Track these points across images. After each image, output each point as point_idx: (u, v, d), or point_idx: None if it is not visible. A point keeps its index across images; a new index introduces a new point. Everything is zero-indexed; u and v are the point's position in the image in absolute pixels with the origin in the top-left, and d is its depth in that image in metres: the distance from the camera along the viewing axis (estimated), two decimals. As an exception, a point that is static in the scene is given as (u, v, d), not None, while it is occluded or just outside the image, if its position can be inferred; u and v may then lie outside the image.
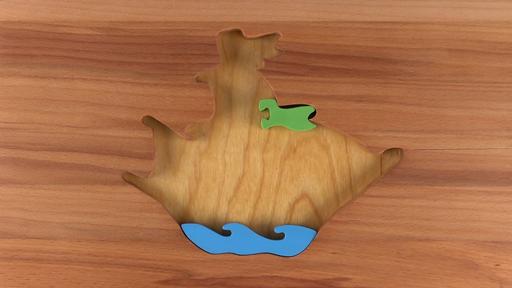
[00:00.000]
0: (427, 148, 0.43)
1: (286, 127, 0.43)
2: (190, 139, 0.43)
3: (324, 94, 0.43)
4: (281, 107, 0.43)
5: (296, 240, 0.42)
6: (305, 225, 0.44)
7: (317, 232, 0.42)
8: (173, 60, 0.43)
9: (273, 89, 0.43)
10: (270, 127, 0.44)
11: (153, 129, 0.43)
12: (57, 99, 0.43)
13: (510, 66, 0.43)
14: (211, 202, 0.44)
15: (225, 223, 0.44)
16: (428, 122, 0.43)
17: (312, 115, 0.43)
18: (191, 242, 0.42)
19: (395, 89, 0.43)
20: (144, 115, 0.43)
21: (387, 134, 0.43)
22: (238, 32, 0.44)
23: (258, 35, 0.43)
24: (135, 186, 0.43)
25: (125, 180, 0.43)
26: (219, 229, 0.44)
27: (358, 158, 0.44)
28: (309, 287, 0.42)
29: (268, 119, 0.43)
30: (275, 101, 0.43)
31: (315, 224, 0.44)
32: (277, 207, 0.44)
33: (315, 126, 0.43)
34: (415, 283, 0.42)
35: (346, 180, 0.44)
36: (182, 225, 0.43)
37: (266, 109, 0.43)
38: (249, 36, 0.43)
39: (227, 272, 0.42)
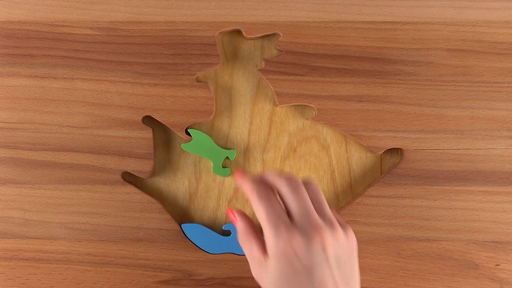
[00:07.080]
0: (427, 148, 0.43)
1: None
2: (190, 139, 0.43)
3: (324, 94, 0.43)
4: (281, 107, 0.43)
5: (296, 240, 0.42)
6: (305, 225, 0.44)
7: (317, 232, 0.42)
8: (173, 60, 0.43)
9: (273, 89, 0.43)
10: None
11: (153, 129, 0.43)
12: (57, 99, 0.43)
13: (510, 66, 0.43)
14: (211, 202, 0.44)
15: (225, 223, 0.44)
16: (428, 122, 0.43)
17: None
18: (191, 242, 0.42)
19: (395, 89, 0.43)
20: (144, 115, 0.43)
21: (387, 134, 0.43)
22: (238, 32, 0.44)
23: (258, 35, 0.43)
24: (135, 186, 0.43)
25: (125, 180, 0.43)
26: (219, 229, 0.44)
27: (358, 158, 0.44)
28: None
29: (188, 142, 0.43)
30: (202, 133, 0.43)
31: (315, 224, 0.44)
32: (277, 207, 0.44)
33: (228, 174, 0.43)
34: (415, 283, 0.42)
35: (346, 180, 0.44)
36: (182, 225, 0.43)
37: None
38: (249, 36, 0.43)
39: (227, 272, 0.42)
